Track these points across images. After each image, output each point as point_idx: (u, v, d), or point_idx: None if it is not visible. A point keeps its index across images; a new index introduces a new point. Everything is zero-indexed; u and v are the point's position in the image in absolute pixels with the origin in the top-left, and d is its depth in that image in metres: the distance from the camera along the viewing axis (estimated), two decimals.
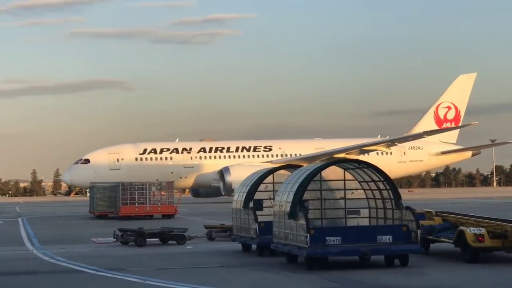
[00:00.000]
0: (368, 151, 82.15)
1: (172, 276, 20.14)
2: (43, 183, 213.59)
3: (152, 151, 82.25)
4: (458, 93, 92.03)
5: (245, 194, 25.72)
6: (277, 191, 23.86)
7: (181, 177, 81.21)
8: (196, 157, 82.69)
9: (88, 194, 77.72)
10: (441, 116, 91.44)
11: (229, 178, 77.21)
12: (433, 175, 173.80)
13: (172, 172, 79.80)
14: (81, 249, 28.55)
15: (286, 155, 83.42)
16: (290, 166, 26.97)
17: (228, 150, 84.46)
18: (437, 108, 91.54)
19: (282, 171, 26.24)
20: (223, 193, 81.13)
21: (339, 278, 19.41)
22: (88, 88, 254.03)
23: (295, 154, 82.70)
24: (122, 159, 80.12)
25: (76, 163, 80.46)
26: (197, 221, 44.53)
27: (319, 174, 22.27)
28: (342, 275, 19.89)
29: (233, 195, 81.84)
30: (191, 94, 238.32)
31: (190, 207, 65.72)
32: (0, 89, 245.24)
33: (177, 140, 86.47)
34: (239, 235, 26.26)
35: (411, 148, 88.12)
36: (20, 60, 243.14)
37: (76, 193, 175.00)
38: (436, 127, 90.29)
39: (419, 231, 21.07)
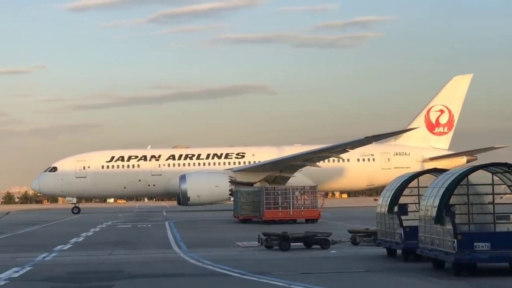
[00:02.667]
0: (319, 157, 77.54)
1: (316, 281, 20.06)
2: None
3: (120, 158, 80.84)
4: (452, 96, 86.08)
5: (389, 198, 25.37)
6: (422, 195, 23.42)
7: (149, 185, 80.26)
8: (164, 165, 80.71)
9: (232, 199, 78.84)
10: (433, 120, 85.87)
11: (184, 186, 75.75)
12: None
13: (139, 180, 79.40)
14: (226, 253, 28.92)
15: (259, 162, 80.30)
16: (435, 170, 26.34)
17: (198, 157, 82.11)
18: (428, 111, 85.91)
19: (428, 175, 25.69)
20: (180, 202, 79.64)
21: (489, 285, 18.80)
22: (232, 93, 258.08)
23: None
24: (89, 167, 78.98)
25: (45, 171, 79.77)
26: (340, 225, 44.33)
27: (466, 178, 21.64)
28: (492, 282, 19.25)
29: (189, 204, 77.39)
30: (334, 98, 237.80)
31: (333, 211, 65.53)
32: (148, 96, 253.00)
33: (148, 147, 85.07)
34: (384, 239, 25.95)
35: (397, 154, 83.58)
36: (168, 67, 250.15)
37: None
38: (427, 132, 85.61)
39: None
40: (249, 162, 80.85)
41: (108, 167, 79.63)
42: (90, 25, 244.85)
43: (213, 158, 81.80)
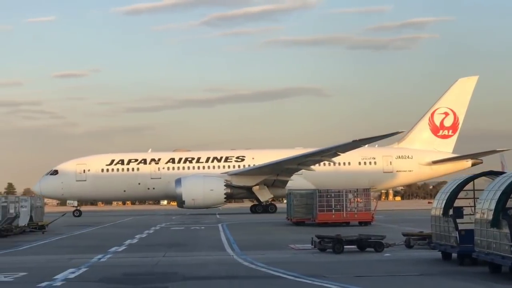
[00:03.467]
0: (313, 161, 77.35)
1: (371, 284, 19.95)
2: None
3: (120, 162, 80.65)
4: (457, 98, 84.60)
5: (444, 201, 25.08)
6: (478, 198, 23.12)
7: (148, 188, 79.98)
8: (163, 168, 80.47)
9: (285, 201, 78.67)
10: (437, 123, 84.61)
11: (180, 190, 75.44)
12: None
13: (139, 183, 79.21)
14: (279, 255, 28.89)
15: (254, 165, 79.97)
16: (492, 173, 25.96)
17: (198, 160, 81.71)
18: (432, 114, 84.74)
19: (484, 178, 25.34)
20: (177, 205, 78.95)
21: None
22: (284, 96, 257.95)
23: None
24: (89, 170, 79.04)
25: (47, 174, 79.92)
26: (394, 228, 44.01)
27: None
28: None
29: (185, 207, 76.99)
30: (387, 100, 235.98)
31: (387, 214, 65.03)
32: (200, 99, 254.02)
33: (149, 151, 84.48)
34: (439, 243, 25.68)
35: (399, 158, 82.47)
36: (220, 70, 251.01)
37: (273, 200, 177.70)
38: (431, 135, 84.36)
39: None
40: (249, 165, 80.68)
41: (108, 170, 79.88)
42: (143, 29, 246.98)
43: (212, 161, 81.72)
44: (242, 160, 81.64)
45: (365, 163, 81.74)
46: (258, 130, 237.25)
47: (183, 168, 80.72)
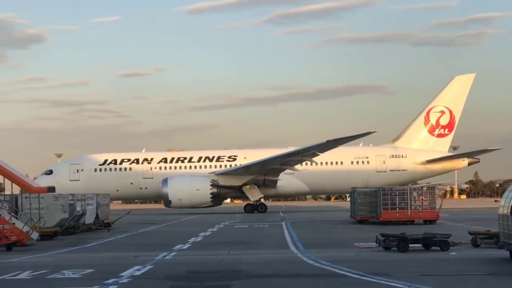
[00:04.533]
0: (296, 161, 76.57)
1: (437, 283, 19.69)
2: None
3: (112, 162, 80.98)
4: (454, 96, 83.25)
5: None
6: None
7: (141, 188, 79.86)
8: (155, 168, 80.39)
9: (348, 199, 78.29)
10: (433, 121, 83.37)
11: (166, 189, 75.16)
12: None
13: (131, 183, 79.23)
14: (344, 253, 28.75)
15: (240, 165, 79.55)
16: None
17: (190, 160, 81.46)
18: (428, 112, 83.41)
19: None
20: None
21: None
22: (347, 93, 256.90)
23: None
24: (82, 170, 79.65)
25: (43, 173, 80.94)
26: (459, 227, 43.44)
27: None
28: None
29: (171, 207, 76.59)
30: None
31: (452, 212, 64.24)
32: (263, 96, 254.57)
33: (143, 151, 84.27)
34: (507, 242, 25.17)
35: (393, 157, 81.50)
36: (282, 68, 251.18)
37: (336, 198, 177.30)
38: (427, 134, 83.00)
39: None
40: (240, 165, 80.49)
41: (101, 170, 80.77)
42: (206, 27, 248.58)
43: (204, 161, 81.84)
44: (234, 159, 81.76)
45: (357, 162, 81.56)
46: (320, 127, 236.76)
47: (175, 167, 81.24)
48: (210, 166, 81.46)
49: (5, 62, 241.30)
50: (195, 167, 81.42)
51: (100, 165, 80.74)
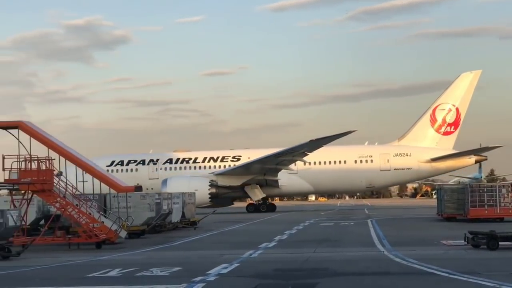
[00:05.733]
0: (290, 160, 76.10)
1: None
2: None
3: (119, 163, 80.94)
4: (460, 94, 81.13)
5: None
6: None
7: (147, 189, 76.65)
8: (161, 168, 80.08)
9: (434, 197, 77.22)
10: (439, 119, 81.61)
11: (165, 190, 72.20)
12: None
13: (137, 184, 77.93)
14: (431, 251, 28.32)
15: (234, 165, 78.89)
16: None
17: (194, 160, 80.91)
18: (434, 110, 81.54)
19: None
20: None
21: None
22: (433, 89, 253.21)
23: None
24: None
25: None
26: None
27: None
28: None
29: None
30: None
31: None
32: (346, 94, 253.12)
33: (151, 151, 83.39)
34: None
35: (397, 155, 79.87)
36: (366, 64, 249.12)
37: (422, 195, 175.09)
38: (433, 132, 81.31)
39: None
40: (235, 165, 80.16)
41: (107, 171, 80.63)
42: (288, 25, 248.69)
43: (209, 161, 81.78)
44: (238, 159, 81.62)
45: (361, 161, 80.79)
46: (406, 124, 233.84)
47: (180, 168, 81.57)
48: (215, 167, 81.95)
49: (92, 63, 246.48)
50: (200, 167, 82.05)
51: (107, 166, 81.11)
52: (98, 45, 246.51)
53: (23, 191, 37.01)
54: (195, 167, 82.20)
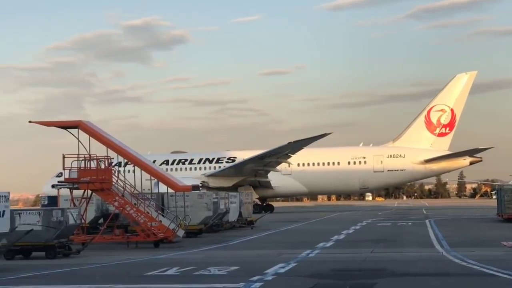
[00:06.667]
0: (276, 162, 75.88)
1: None
2: (447, 185, 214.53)
3: (117, 164, 79.76)
4: (455, 95, 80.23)
5: None
6: None
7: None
8: None
9: (494, 197, 76.17)
10: (434, 120, 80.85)
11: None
12: None
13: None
14: (491, 253, 27.92)
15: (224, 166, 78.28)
16: None
17: (190, 162, 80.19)
18: (429, 112, 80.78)
19: None
20: None
21: None
22: (495, 88, 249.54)
23: None
24: None
25: (54, 176, 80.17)
26: None
27: None
28: None
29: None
30: None
31: None
32: (406, 93, 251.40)
33: (148, 153, 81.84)
34: None
35: (391, 157, 79.38)
36: (425, 63, 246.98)
37: (481, 196, 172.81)
38: (428, 133, 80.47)
39: None
40: (225, 166, 79.90)
41: None
42: (346, 24, 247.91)
43: (204, 162, 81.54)
44: (233, 161, 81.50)
45: (354, 162, 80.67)
46: (468, 125, 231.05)
47: (176, 169, 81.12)
48: (210, 168, 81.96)
49: (150, 63, 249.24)
50: (195, 168, 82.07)
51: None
52: (156, 45, 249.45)
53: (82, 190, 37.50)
54: (190, 168, 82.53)
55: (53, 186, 40.33)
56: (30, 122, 39.46)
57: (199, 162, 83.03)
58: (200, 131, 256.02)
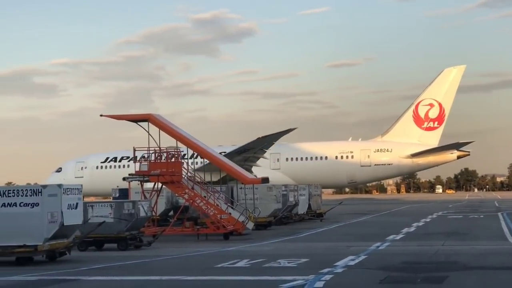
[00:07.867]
0: (254, 157, 74.93)
1: None
2: None
3: (113, 159, 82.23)
4: (443, 89, 78.60)
5: None
6: None
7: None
8: None
9: None
10: (422, 114, 79.49)
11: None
12: None
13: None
14: None
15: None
16: None
17: (182, 157, 76.97)
18: (417, 106, 79.38)
19: None
20: None
21: None
22: None
23: None
24: (86, 168, 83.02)
25: (54, 171, 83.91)
26: None
27: None
28: None
29: None
30: None
31: None
32: (476, 84, 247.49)
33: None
34: None
35: (378, 151, 78.45)
36: (496, 53, 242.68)
37: None
38: (416, 128, 79.25)
39: None
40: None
41: (102, 167, 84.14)
42: (416, 15, 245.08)
43: (196, 157, 79.46)
44: None
45: (342, 157, 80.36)
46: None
47: None
48: (201, 163, 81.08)
49: (218, 56, 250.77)
50: (187, 163, 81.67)
51: (101, 162, 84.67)
52: (224, 38, 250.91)
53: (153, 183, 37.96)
54: (182, 163, 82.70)
55: (124, 178, 40.92)
56: (101, 115, 40.16)
57: (191, 157, 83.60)
58: (268, 123, 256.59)
